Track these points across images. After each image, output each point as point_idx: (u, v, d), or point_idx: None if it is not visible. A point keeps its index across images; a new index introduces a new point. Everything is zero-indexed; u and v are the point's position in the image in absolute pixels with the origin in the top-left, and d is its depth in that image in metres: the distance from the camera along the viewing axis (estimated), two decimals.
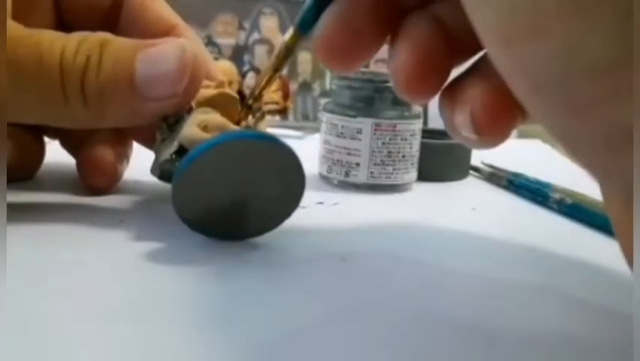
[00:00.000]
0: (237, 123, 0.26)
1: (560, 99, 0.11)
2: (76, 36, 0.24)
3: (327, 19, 0.20)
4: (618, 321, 0.20)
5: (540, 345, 0.18)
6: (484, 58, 0.20)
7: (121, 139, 0.31)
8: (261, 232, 0.25)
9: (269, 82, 0.25)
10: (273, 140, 0.22)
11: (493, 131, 0.19)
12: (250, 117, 0.27)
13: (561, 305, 0.21)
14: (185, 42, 0.25)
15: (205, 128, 0.24)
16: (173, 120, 0.25)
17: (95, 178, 0.30)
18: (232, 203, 0.23)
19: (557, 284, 0.23)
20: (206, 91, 0.26)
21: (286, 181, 0.23)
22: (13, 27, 0.23)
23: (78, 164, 0.31)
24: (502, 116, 0.19)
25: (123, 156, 0.31)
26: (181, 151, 0.24)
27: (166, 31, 0.30)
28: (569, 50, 0.10)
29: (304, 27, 0.22)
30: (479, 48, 0.20)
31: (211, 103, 0.26)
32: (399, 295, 0.21)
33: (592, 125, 0.11)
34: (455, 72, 0.20)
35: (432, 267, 0.24)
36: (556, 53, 0.11)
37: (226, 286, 0.21)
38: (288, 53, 0.23)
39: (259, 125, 0.27)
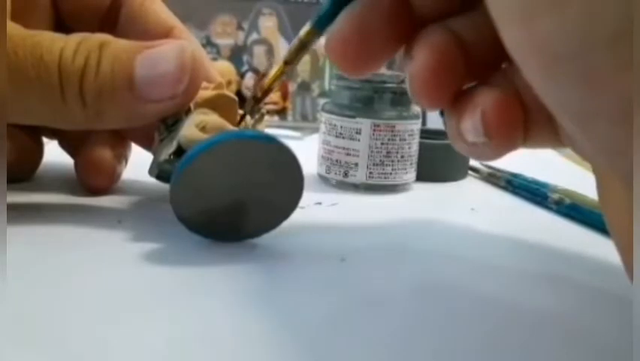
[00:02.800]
0: (237, 124, 0.26)
1: (578, 70, 0.11)
2: (76, 37, 0.24)
3: (343, 20, 0.20)
4: (617, 320, 0.20)
5: (539, 345, 0.18)
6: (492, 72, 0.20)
7: (119, 140, 0.31)
8: (258, 233, 0.25)
9: (280, 75, 0.25)
10: (271, 139, 0.22)
11: (503, 134, 0.19)
12: (249, 118, 0.27)
13: (560, 305, 0.21)
14: (184, 43, 0.25)
15: (204, 128, 0.24)
16: (171, 121, 0.25)
17: (94, 179, 0.30)
18: (230, 203, 0.23)
19: (557, 284, 0.23)
20: (204, 92, 0.26)
21: (285, 181, 0.23)
22: (13, 28, 0.23)
23: (77, 164, 0.31)
24: (513, 119, 0.19)
25: (122, 156, 0.31)
26: (179, 151, 0.24)
27: (164, 33, 0.30)
28: (588, 20, 0.11)
29: (321, 24, 0.22)
30: (493, 64, 0.20)
31: (210, 104, 0.26)
32: (399, 295, 0.21)
33: (610, 96, 0.11)
34: None
35: (431, 267, 0.24)
36: (575, 24, 0.11)
37: (225, 287, 0.21)
38: (302, 47, 0.23)
39: (258, 127, 0.27)
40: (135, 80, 0.23)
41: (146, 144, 0.30)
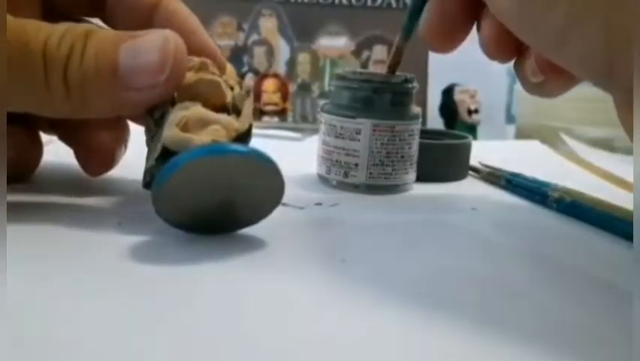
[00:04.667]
0: (222, 107, 0.26)
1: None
2: (62, 26, 0.24)
3: (427, 15, 0.28)
4: (617, 317, 0.20)
5: (540, 344, 0.18)
6: None
7: (117, 123, 0.31)
8: (246, 224, 0.26)
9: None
10: (240, 152, 0.23)
11: (556, 70, 0.25)
12: (233, 95, 0.27)
13: (561, 303, 0.21)
14: (168, 34, 0.25)
15: (185, 125, 0.24)
16: (158, 115, 0.25)
17: (92, 161, 0.31)
18: (213, 207, 0.24)
19: (558, 282, 0.23)
20: (187, 75, 0.26)
21: (264, 182, 0.24)
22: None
23: (76, 151, 0.31)
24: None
25: (121, 140, 0.32)
26: (165, 153, 0.24)
27: (152, 4, 0.30)
28: None
29: (407, 32, 0.32)
30: None
31: (191, 90, 0.26)
32: (399, 296, 0.21)
33: (593, 30, 0.14)
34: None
35: (433, 267, 0.24)
36: None
37: (226, 288, 0.21)
38: (399, 53, 0.33)
39: (245, 104, 0.27)
40: (118, 68, 0.24)
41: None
